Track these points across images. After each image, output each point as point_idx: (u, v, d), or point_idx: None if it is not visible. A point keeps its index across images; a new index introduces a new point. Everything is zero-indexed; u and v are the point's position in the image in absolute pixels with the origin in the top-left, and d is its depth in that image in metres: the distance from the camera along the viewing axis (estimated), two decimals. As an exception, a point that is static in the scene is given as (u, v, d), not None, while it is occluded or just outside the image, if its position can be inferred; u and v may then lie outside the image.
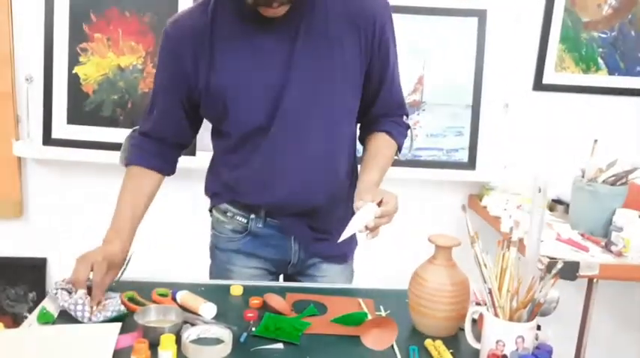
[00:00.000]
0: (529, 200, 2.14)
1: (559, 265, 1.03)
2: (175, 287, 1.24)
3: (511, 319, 1.03)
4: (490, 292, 1.05)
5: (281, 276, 1.45)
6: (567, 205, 2.18)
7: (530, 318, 1.03)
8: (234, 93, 1.20)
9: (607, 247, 1.81)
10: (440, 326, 1.15)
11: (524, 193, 2.17)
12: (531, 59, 2.31)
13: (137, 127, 1.35)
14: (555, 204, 2.21)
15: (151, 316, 1.11)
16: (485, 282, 1.07)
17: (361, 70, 1.25)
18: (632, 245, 1.75)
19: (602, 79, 2.33)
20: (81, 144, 2.16)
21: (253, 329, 1.11)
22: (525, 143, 2.33)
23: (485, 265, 1.07)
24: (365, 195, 1.13)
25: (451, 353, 1.08)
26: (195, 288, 1.25)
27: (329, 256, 1.38)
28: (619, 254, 1.76)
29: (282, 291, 1.27)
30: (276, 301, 1.19)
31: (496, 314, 1.04)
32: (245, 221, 1.35)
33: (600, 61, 2.32)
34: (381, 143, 1.32)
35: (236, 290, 1.27)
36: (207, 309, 1.15)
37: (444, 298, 1.13)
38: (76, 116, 2.15)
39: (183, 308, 1.16)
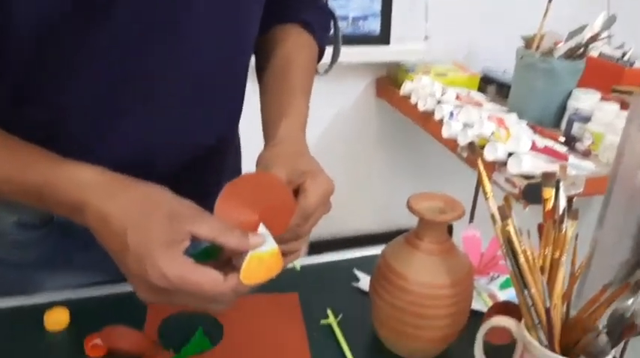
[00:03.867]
0: (463, 81, 1.67)
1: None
2: None
3: (567, 348, 0.57)
4: (547, 310, 0.57)
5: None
6: (499, 84, 1.73)
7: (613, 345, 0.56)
8: None
9: (569, 144, 1.39)
10: (429, 350, 0.69)
11: (450, 73, 1.67)
12: None
13: None
14: (485, 85, 1.74)
15: None
16: (525, 288, 0.57)
17: None
18: (604, 141, 1.33)
19: None
20: None
21: None
22: (449, 5, 1.81)
23: (529, 261, 0.58)
24: (278, 167, 0.61)
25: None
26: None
27: None
28: (587, 153, 1.36)
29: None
30: (126, 339, 0.66)
31: (552, 347, 0.57)
32: None
33: None
34: (297, 45, 0.79)
35: (56, 319, 0.70)
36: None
37: (441, 308, 0.65)
38: None
39: None
